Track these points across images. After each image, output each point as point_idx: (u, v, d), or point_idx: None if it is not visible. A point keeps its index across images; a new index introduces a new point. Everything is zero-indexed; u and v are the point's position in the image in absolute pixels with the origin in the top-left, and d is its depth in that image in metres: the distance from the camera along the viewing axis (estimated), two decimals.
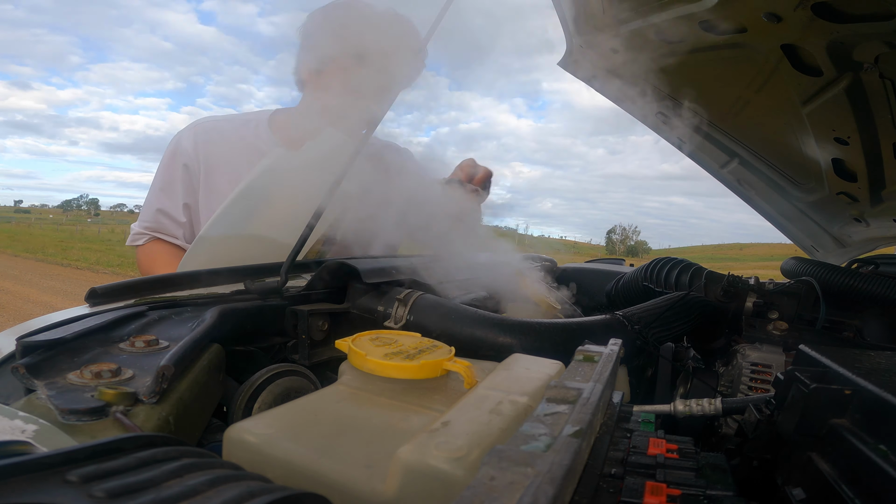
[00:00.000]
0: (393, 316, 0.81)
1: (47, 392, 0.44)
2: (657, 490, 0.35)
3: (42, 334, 0.55)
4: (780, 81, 1.18)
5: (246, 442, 0.45)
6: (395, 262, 0.94)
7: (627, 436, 0.45)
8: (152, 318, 0.65)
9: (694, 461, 0.40)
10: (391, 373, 0.55)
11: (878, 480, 0.35)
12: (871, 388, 0.41)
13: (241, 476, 0.30)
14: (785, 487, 0.44)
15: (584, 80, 1.64)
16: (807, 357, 0.53)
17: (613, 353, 0.53)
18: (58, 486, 0.25)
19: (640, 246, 77.22)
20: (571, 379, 0.44)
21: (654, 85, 1.54)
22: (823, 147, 1.36)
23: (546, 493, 0.24)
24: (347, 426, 0.48)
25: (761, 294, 1.03)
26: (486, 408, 0.47)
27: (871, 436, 0.39)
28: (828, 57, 1.01)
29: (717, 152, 1.78)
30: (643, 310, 0.89)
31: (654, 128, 1.81)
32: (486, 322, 0.77)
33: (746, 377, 0.88)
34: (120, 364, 0.50)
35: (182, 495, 0.26)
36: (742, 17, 1.03)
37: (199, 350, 0.58)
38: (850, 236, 1.92)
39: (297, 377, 0.65)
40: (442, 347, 0.62)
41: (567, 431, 0.32)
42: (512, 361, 0.61)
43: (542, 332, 0.76)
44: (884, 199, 1.51)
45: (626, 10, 1.23)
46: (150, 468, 0.28)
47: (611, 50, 1.43)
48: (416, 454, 0.38)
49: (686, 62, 1.30)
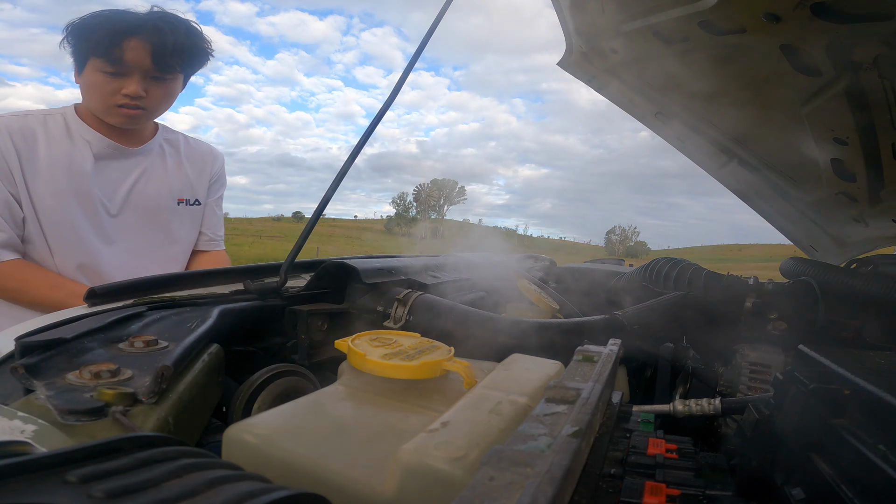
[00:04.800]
0: (392, 316, 0.81)
1: (46, 392, 0.44)
2: (657, 490, 0.35)
3: (41, 334, 0.55)
4: (779, 82, 1.19)
5: (245, 442, 0.45)
6: (394, 263, 0.94)
7: (627, 436, 0.45)
8: (152, 319, 0.65)
9: (693, 461, 0.40)
10: (390, 373, 0.55)
11: (878, 480, 0.35)
12: (870, 388, 0.41)
13: (240, 476, 0.30)
14: (784, 487, 0.44)
15: (583, 80, 1.64)
16: (806, 357, 0.53)
17: (613, 353, 0.53)
18: (57, 487, 0.25)
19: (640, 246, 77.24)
20: (571, 379, 0.44)
21: (654, 85, 1.54)
22: (822, 147, 1.36)
23: (545, 493, 0.24)
24: (347, 426, 0.48)
25: (760, 294, 1.03)
26: (486, 408, 0.47)
27: (871, 436, 0.39)
28: (827, 57, 1.01)
29: (716, 152, 1.79)
30: (643, 310, 0.89)
31: (654, 128, 1.81)
32: (485, 322, 0.77)
33: (745, 377, 0.88)
34: (119, 364, 0.50)
35: (181, 495, 0.26)
36: (741, 17, 1.03)
37: (199, 350, 0.58)
38: (849, 236, 1.92)
39: (296, 377, 0.65)
40: (441, 347, 0.62)
41: (566, 431, 0.32)
42: (511, 361, 0.61)
43: (541, 332, 0.76)
44: (882, 200, 1.51)
45: (625, 10, 1.23)
46: (150, 468, 0.28)
47: (610, 50, 1.43)
48: (416, 454, 0.38)
49: (685, 62, 1.30)
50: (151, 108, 1.25)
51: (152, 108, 1.25)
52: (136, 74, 1.18)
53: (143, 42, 1.16)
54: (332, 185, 0.92)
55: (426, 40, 1.02)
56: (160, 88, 1.24)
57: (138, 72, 1.18)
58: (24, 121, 1.22)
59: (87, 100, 1.24)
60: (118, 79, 1.18)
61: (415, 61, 1.03)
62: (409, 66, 1.02)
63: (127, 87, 1.18)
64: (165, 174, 1.36)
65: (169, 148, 1.40)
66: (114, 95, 1.19)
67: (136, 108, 1.21)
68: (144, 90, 1.20)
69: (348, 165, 0.94)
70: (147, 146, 1.34)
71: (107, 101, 1.20)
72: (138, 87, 1.19)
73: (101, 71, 1.17)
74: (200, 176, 1.44)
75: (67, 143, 1.24)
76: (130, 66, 1.17)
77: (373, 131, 0.98)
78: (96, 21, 1.16)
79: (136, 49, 1.16)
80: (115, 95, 1.19)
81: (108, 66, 1.16)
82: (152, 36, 1.16)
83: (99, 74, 1.18)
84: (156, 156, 1.37)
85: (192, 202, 1.42)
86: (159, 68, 1.19)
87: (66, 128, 1.25)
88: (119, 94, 1.19)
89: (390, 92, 1.00)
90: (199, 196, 1.44)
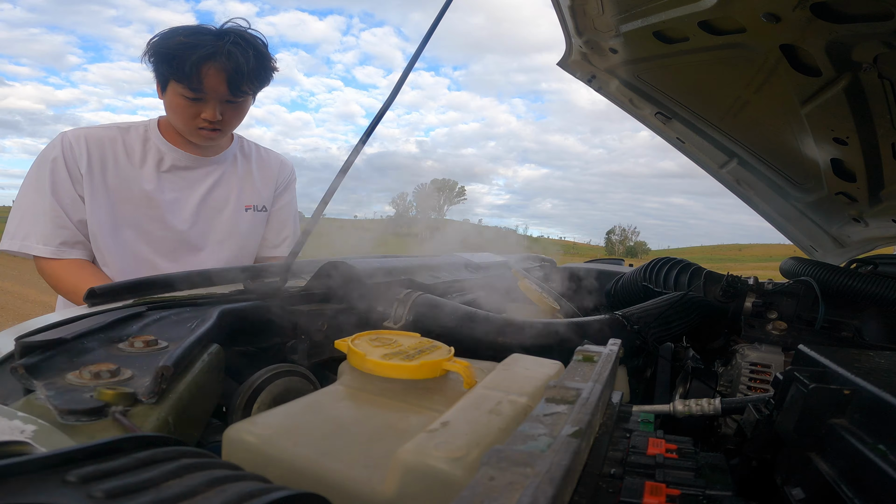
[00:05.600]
0: (392, 316, 0.81)
1: (46, 392, 0.44)
2: (656, 490, 0.35)
3: (41, 334, 0.55)
4: (779, 82, 1.18)
5: (245, 442, 0.45)
6: (394, 263, 0.94)
7: (627, 436, 0.45)
8: (151, 319, 0.65)
9: (693, 461, 0.40)
10: (390, 373, 0.55)
11: (877, 480, 0.35)
12: (869, 387, 0.41)
13: (240, 476, 0.30)
14: (784, 487, 0.44)
15: (583, 80, 1.65)
16: (806, 357, 0.53)
17: (613, 354, 0.53)
18: (57, 487, 0.25)
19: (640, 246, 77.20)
20: (571, 379, 0.44)
21: (653, 85, 1.54)
22: (822, 147, 1.36)
23: (545, 493, 0.24)
24: (347, 426, 0.48)
25: (760, 294, 1.03)
26: (486, 408, 0.47)
27: (870, 435, 0.39)
28: (826, 57, 1.01)
29: (715, 152, 1.79)
30: (642, 310, 0.89)
31: (653, 128, 1.81)
32: (485, 322, 0.77)
33: (745, 377, 0.88)
34: (119, 364, 0.50)
35: (181, 495, 0.26)
36: (741, 17, 1.03)
37: (199, 350, 0.58)
38: (849, 236, 1.92)
39: (296, 377, 0.65)
40: (441, 348, 0.62)
41: (566, 431, 0.32)
42: (511, 361, 0.61)
43: (541, 333, 0.76)
44: (882, 200, 1.51)
45: (625, 10, 1.23)
46: (150, 468, 0.28)
47: (610, 50, 1.43)
48: (416, 454, 0.38)
49: (685, 62, 1.30)
50: (227, 129, 1.33)
51: (228, 128, 1.33)
52: (213, 100, 1.25)
53: (218, 70, 1.22)
54: (333, 185, 0.92)
55: (426, 40, 1.02)
56: (234, 110, 1.31)
57: (215, 97, 1.25)
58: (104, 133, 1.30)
59: (170, 118, 1.32)
60: (197, 104, 1.25)
61: (415, 61, 1.03)
62: (409, 66, 1.02)
63: (205, 111, 1.25)
64: (236, 182, 1.44)
65: (241, 157, 1.48)
66: (194, 119, 1.27)
67: (214, 129, 1.29)
68: (220, 114, 1.27)
69: (348, 165, 0.94)
70: (222, 155, 1.42)
71: (188, 123, 1.28)
72: (215, 112, 1.26)
73: (181, 95, 1.24)
74: (268, 184, 1.51)
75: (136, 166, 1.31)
76: (208, 92, 1.23)
77: (373, 131, 0.98)
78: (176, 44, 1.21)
79: (213, 76, 1.22)
80: (195, 119, 1.27)
81: (189, 93, 1.23)
82: (227, 63, 1.21)
83: (180, 98, 1.24)
84: (229, 164, 1.44)
85: (260, 208, 1.48)
86: (233, 93, 1.25)
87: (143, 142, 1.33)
88: (199, 117, 1.26)
89: (390, 92, 1.00)
90: (266, 203, 1.50)
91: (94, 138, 1.28)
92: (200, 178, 1.39)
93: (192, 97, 1.23)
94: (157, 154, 1.33)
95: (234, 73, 1.22)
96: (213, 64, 1.21)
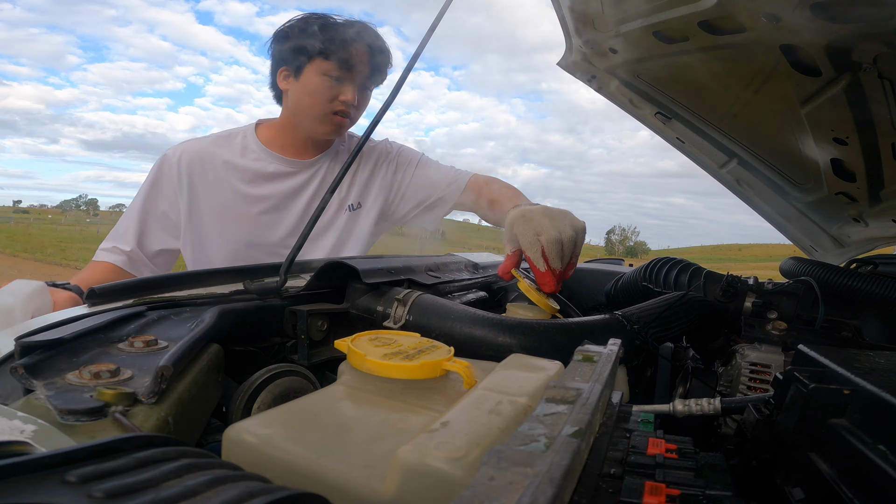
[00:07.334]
0: (392, 316, 0.81)
1: (46, 392, 0.44)
2: (656, 490, 0.35)
3: (41, 334, 0.55)
4: (778, 82, 1.18)
5: (245, 442, 0.45)
6: (394, 262, 0.94)
7: (627, 436, 0.45)
8: (151, 319, 0.65)
9: (693, 461, 0.40)
10: (390, 373, 0.55)
11: (878, 480, 0.35)
12: (870, 387, 0.41)
13: (240, 476, 0.30)
14: (784, 487, 0.44)
15: (583, 80, 1.64)
16: (806, 357, 0.53)
17: (613, 353, 0.53)
18: (56, 487, 0.25)
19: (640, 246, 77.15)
20: (571, 379, 0.44)
21: (653, 85, 1.54)
22: (822, 147, 1.36)
23: (545, 493, 0.24)
24: (347, 426, 0.48)
25: (760, 294, 1.03)
26: (486, 408, 0.47)
27: (871, 436, 0.39)
28: (826, 57, 1.01)
29: (715, 152, 1.79)
30: (642, 310, 0.89)
31: (653, 127, 1.81)
32: (485, 322, 0.77)
33: (745, 377, 0.88)
34: (119, 364, 0.50)
35: (181, 496, 0.26)
36: (741, 17, 1.03)
37: (199, 350, 0.58)
38: (849, 236, 1.92)
39: (296, 377, 0.65)
40: (441, 347, 0.62)
41: (566, 431, 0.32)
42: (511, 361, 0.61)
43: (541, 332, 0.76)
44: (882, 199, 1.51)
45: (625, 10, 1.23)
46: (149, 468, 0.28)
47: (610, 50, 1.43)
48: (416, 454, 0.38)
49: (685, 62, 1.30)
50: (355, 118, 1.29)
51: (356, 116, 1.29)
52: (355, 82, 1.21)
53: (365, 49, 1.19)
54: (333, 185, 0.92)
55: (426, 40, 1.02)
56: (364, 98, 1.27)
57: (358, 78, 1.21)
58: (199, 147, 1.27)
59: (302, 104, 1.25)
60: (339, 85, 1.20)
61: (415, 61, 1.03)
62: (409, 66, 1.02)
63: (345, 93, 1.20)
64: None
65: (343, 154, 1.42)
66: (332, 101, 1.22)
67: (346, 115, 1.24)
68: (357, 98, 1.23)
69: (349, 165, 0.94)
70: (324, 155, 1.36)
71: (325, 107, 1.21)
72: (355, 94, 1.21)
73: (326, 74, 1.19)
74: (373, 176, 1.44)
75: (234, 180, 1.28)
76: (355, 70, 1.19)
77: (373, 131, 0.98)
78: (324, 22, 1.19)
79: (361, 55, 1.19)
80: (333, 102, 1.22)
81: (335, 70, 1.18)
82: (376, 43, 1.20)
83: (323, 78, 1.19)
84: (331, 162, 1.38)
85: (356, 207, 1.41)
86: (371, 78, 1.23)
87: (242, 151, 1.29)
88: (337, 99, 1.21)
89: (390, 92, 1.00)
90: (364, 199, 1.43)
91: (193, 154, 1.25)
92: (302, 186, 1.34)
93: (337, 75, 1.19)
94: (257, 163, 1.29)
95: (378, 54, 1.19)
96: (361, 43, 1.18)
